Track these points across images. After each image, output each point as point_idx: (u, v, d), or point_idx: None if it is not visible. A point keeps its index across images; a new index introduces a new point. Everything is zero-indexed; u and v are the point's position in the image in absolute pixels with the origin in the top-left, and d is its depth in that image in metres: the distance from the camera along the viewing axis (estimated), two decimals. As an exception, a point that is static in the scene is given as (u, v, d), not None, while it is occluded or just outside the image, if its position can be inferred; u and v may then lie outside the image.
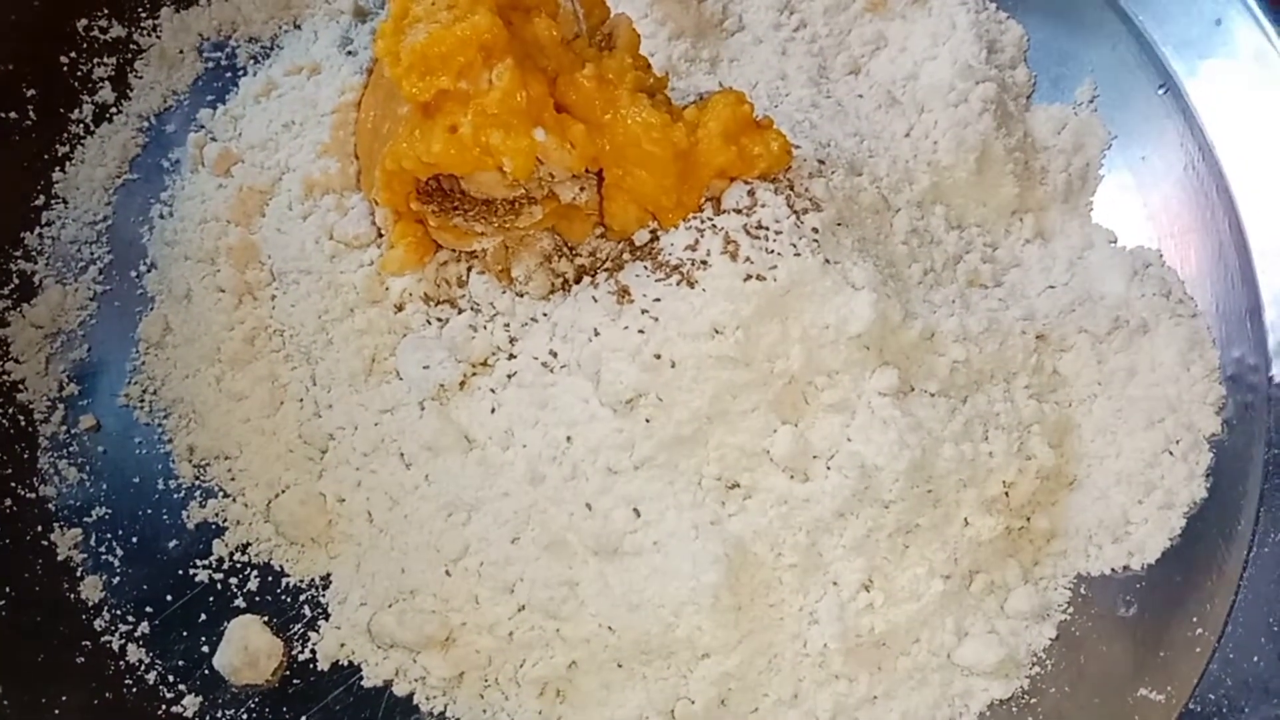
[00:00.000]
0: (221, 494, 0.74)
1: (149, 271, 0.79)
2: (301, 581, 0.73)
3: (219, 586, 0.73)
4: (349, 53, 0.81)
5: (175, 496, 0.75)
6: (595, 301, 0.70)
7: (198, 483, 0.74)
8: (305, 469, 0.74)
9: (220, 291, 0.76)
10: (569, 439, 0.69)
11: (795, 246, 0.68)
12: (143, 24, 0.83)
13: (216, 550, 0.73)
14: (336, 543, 0.74)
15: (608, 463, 0.68)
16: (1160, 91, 0.81)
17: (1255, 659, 0.67)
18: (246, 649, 0.70)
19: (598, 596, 0.68)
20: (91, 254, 0.79)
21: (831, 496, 0.67)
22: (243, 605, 0.72)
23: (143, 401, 0.76)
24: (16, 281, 0.78)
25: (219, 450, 0.75)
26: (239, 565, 0.73)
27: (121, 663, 0.71)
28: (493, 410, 0.72)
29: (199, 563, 0.73)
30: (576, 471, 0.69)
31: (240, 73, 0.84)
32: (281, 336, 0.76)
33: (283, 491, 0.74)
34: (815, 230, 0.69)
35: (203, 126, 0.81)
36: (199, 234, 0.78)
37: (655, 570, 0.67)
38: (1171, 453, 0.73)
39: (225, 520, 0.74)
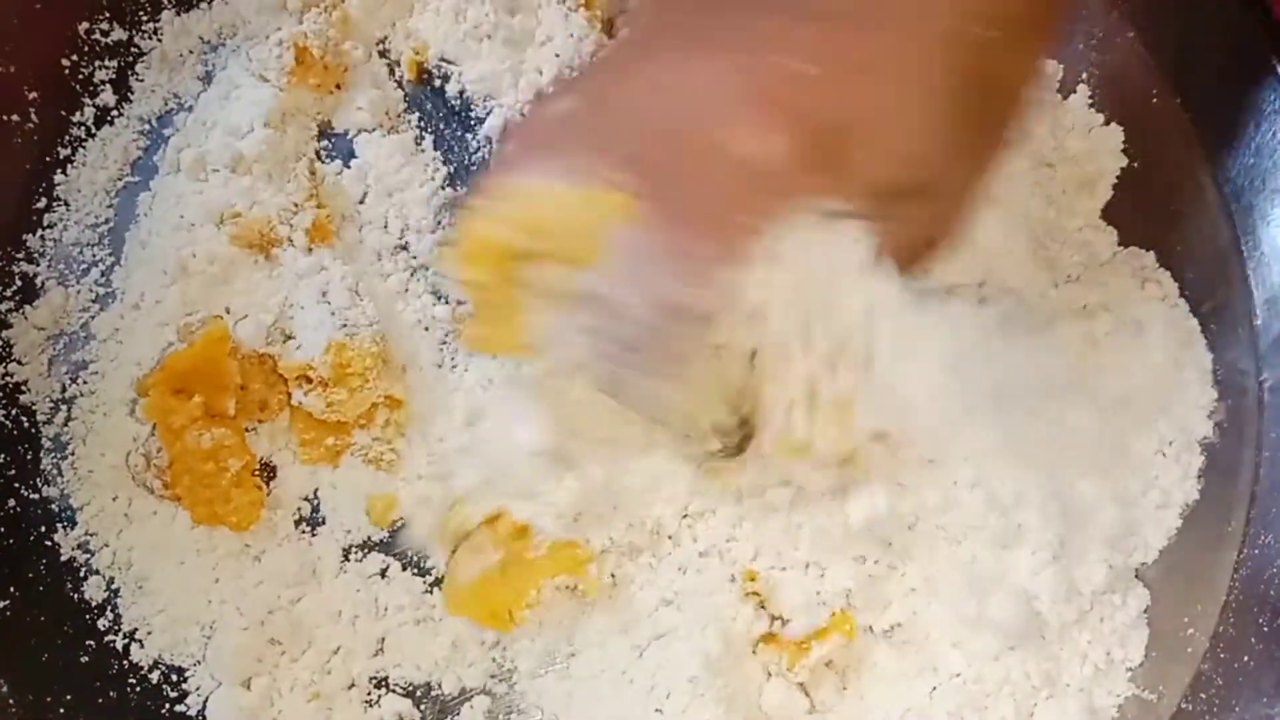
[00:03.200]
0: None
1: (118, 265, 0.79)
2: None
3: (220, 586, 0.73)
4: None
5: (175, 497, 0.75)
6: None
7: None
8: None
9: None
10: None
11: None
12: (144, 27, 0.83)
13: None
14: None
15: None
16: (1154, 100, 0.82)
17: (1246, 659, 0.68)
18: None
19: None
20: (93, 256, 0.80)
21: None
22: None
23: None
24: (19, 283, 0.78)
25: (105, 524, 0.74)
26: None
27: (125, 662, 0.72)
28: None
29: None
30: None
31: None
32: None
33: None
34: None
35: (178, 130, 0.81)
36: (171, 240, 0.77)
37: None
38: (1164, 454, 0.75)
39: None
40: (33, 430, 0.76)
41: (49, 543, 0.73)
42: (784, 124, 0.53)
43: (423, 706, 0.73)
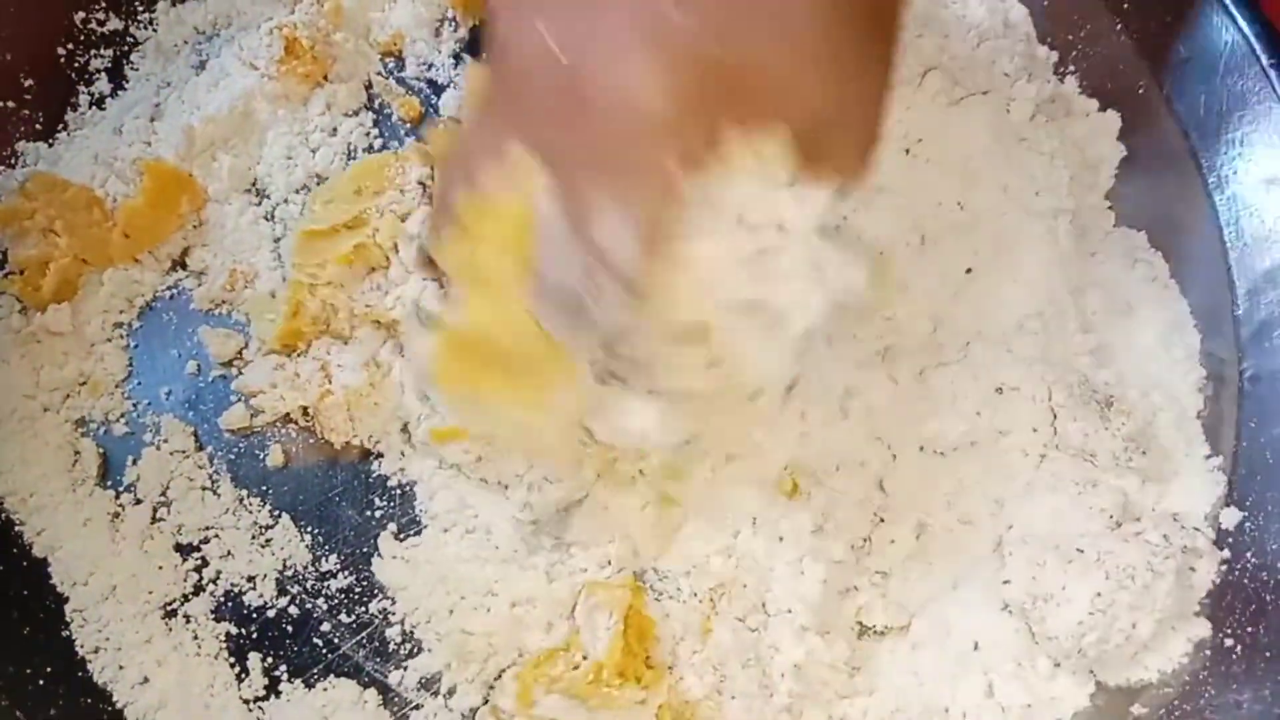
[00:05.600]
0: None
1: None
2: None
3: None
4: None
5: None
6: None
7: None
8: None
9: None
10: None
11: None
12: (139, 18, 0.84)
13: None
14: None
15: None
16: (1140, 91, 0.81)
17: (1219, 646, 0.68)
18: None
19: None
20: (86, 241, 0.81)
21: None
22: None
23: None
24: (15, 270, 0.79)
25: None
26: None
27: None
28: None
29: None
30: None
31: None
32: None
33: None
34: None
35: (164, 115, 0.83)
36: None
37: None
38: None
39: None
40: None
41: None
42: (670, 65, 0.51)
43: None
